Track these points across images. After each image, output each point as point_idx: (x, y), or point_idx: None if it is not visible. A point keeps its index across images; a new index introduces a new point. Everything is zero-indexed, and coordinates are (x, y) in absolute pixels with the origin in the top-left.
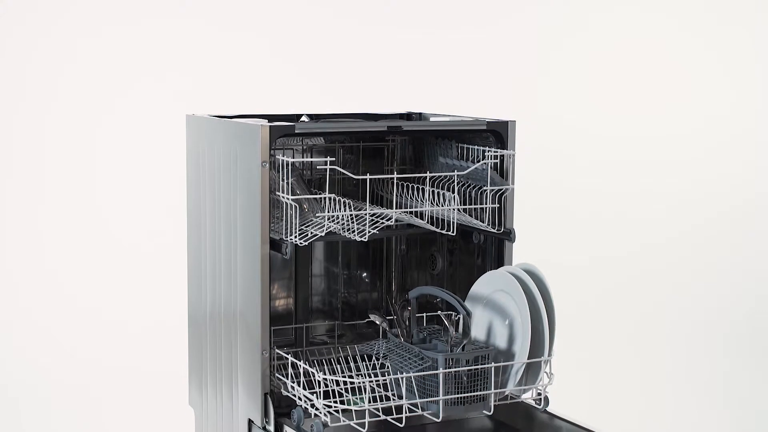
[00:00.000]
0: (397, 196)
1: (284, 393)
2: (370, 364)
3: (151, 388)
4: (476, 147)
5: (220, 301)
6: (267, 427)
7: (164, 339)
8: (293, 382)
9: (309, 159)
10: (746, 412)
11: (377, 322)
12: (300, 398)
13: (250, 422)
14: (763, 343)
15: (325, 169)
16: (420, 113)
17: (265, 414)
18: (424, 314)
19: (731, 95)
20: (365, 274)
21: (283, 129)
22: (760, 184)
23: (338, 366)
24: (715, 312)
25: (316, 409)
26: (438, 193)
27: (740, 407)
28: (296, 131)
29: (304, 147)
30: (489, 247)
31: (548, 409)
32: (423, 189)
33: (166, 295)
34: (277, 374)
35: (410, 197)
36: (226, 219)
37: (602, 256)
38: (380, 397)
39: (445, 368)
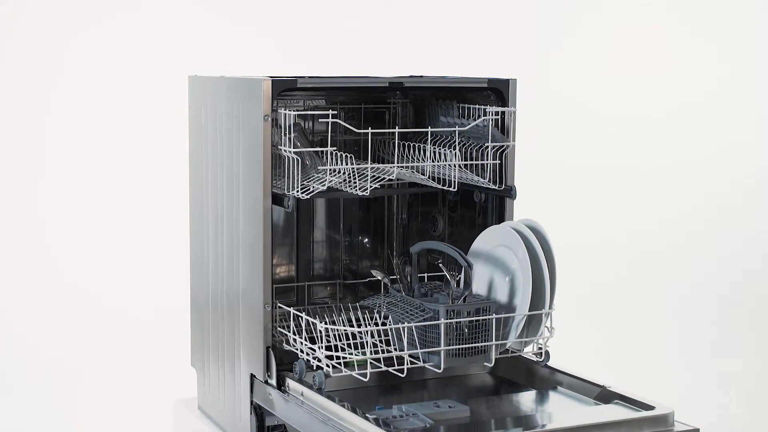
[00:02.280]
0: (398, 156)
1: (286, 348)
2: (372, 320)
3: (152, 350)
4: (477, 106)
5: (222, 259)
6: (269, 381)
7: (165, 300)
8: (295, 335)
9: (311, 112)
10: (748, 369)
11: (379, 278)
12: (302, 351)
13: (252, 377)
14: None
15: (327, 129)
16: (421, 75)
17: (267, 368)
18: (425, 274)
19: (735, 69)
20: (366, 239)
21: (286, 83)
22: (762, 161)
23: (339, 320)
24: (718, 261)
25: (318, 360)
26: (439, 151)
27: (742, 364)
28: (298, 85)
29: (306, 108)
30: (490, 207)
31: (549, 363)
32: (424, 148)
33: (167, 259)
34: (279, 328)
35: (412, 157)
36: (229, 175)
37: (604, 216)
38: (382, 350)
39: (447, 319)
